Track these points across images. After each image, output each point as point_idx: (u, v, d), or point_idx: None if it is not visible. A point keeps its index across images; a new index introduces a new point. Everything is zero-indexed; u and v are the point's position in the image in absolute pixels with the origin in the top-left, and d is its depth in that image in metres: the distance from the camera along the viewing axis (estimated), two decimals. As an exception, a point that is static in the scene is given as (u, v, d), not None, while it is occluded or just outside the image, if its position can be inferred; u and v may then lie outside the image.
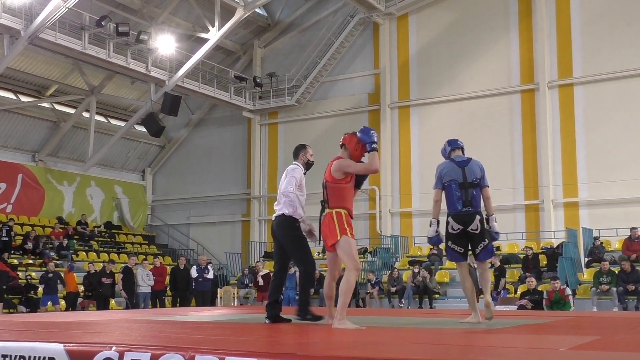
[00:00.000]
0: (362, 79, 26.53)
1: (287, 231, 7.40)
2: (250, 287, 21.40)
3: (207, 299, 19.37)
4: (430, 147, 24.55)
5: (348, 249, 6.58)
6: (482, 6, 24.16)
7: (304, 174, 7.67)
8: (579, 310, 16.00)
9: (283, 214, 7.37)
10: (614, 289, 16.95)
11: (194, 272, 19.42)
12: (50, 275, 18.80)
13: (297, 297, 16.65)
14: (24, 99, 25.64)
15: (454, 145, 7.99)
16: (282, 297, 7.89)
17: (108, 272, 19.13)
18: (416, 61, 25.31)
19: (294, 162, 7.70)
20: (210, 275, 19.41)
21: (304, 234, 7.45)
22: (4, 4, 19.26)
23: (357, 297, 20.18)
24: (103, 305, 18.61)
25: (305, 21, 28.09)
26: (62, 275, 19.36)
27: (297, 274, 20.17)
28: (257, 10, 26.54)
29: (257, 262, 22.81)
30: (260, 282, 20.26)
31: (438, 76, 24.69)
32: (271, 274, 8.23)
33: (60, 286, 18.91)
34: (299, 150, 7.75)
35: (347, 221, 6.70)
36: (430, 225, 7.67)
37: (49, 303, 18.62)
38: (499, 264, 18.94)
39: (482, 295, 7.72)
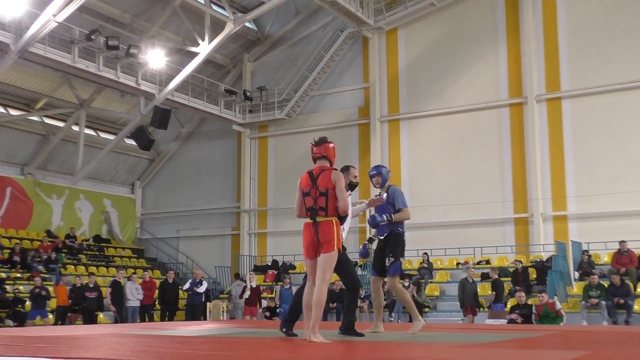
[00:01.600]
0: (352, 92, 26.63)
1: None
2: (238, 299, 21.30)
3: (198, 312, 19.29)
4: (420, 160, 24.66)
5: (333, 263, 6.60)
6: (470, 20, 24.34)
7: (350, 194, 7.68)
8: (568, 324, 16.00)
9: None
10: (604, 302, 16.97)
11: (186, 286, 19.36)
12: (38, 289, 18.66)
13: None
14: (13, 112, 25.55)
15: None
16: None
17: (92, 285, 18.97)
18: (405, 75, 25.43)
19: None
20: (201, 290, 19.31)
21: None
22: (-7, 18, 19.27)
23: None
24: (89, 319, 18.47)
25: (295, 35, 28.19)
26: (51, 289, 19.25)
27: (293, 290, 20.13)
28: (247, 24, 26.59)
29: (250, 273, 22.58)
30: (247, 295, 20.06)
31: (427, 90, 24.81)
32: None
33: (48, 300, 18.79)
34: (343, 172, 7.60)
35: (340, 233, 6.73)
36: (378, 222, 7.94)
37: (37, 317, 18.47)
38: (496, 277, 18.81)
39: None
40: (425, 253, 22.11)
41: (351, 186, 7.72)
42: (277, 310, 20.38)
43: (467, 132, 23.97)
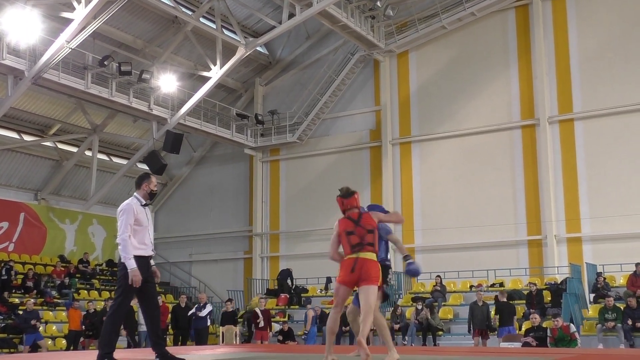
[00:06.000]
0: (363, 115, 26.67)
1: (121, 272, 7.22)
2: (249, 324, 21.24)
3: (203, 336, 19.14)
4: (432, 183, 24.60)
5: (375, 293, 7.07)
6: (481, 43, 24.38)
7: (147, 205, 7.49)
8: (584, 348, 15.83)
9: (120, 257, 7.26)
10: (620, 325, 16.77)
11: (190, 311, 19.31)
12: (32, 320, 18.58)
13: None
14: (27, 138, 25.74)
15: None
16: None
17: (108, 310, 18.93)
18: (417, 98, 25.46)
19: (134, 194, 7.48)
20: (203, 314, 19.16)
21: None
22: (8, 46, 19.46)
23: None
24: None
25: (306, 59, 28.33)
26: (64, 314, 19.23)
27: (312, 313, 19.89)
28: (258, 48, 26.78)
29: (261, 298, 22.57)
30: (261, 323, 19.99)
31: (439, 112, 24.81)
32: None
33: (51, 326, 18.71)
34: (143, 180, 7.51)
35: None
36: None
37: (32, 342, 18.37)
38: (504, 300, 18.61)
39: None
40: (439, 276, 21.96)
41: (150, 195, 7.55)
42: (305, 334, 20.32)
43: (479, 154, 23.92)
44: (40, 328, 19.15)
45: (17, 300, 20.88)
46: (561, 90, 22.88)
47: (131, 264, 7.04)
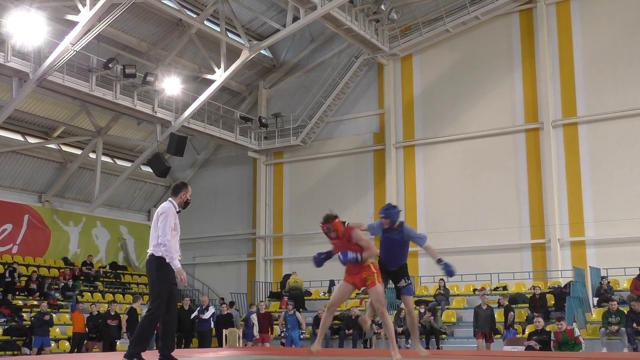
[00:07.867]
0: (367, 118, 26.67)
1: (154, 274, 7.38)
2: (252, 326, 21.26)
3: (206, 339, 19.15)
4: (436, 186, 24.59)
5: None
6: (485, 46, 24.38)
7: (179, 212, 7.62)
8: (588, 351, 15.80)
9: (153, 253, 7.40)
10: (624, 329, 16.74)
11: (193, 314, 19.35)
12: (43, 315, 18.63)
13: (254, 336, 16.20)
14: (31, 140, 25.78)
15: None
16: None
17: (113, 313, 19.00)
18: (420, 101, 25.46)
19: (169, 199, 7.58)
20: (206, 316, 19.17)
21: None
22: (13, 48, 19.50)
23: (364, 337, 20.03)
24: (109, 347, 18.45)
25: (310, 62, 28.36)
26: (67, 316, 19.25)
27: (297, 315, 19.86)
28: (262, 51, 26.80)
29: (261, 301, 22.61)
30: (255, 323, 20.00)
31: (442, 116, 24.81)
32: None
33: (54, 328, 18.75)
34: (181, 189, 7.62)
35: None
36: None
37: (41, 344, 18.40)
38: (506, 303, 18.70)
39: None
40: (442, 279, 21.92)
41: (185, 204, 7.75)
42: (282, 335, 20.27)
43: (482, 157, 23.91)
44: (56, 330, 19.15)
45: (20, 303, 20.91)
46: (565, 93, 22.86)
47: (176, 264, 7.37)
